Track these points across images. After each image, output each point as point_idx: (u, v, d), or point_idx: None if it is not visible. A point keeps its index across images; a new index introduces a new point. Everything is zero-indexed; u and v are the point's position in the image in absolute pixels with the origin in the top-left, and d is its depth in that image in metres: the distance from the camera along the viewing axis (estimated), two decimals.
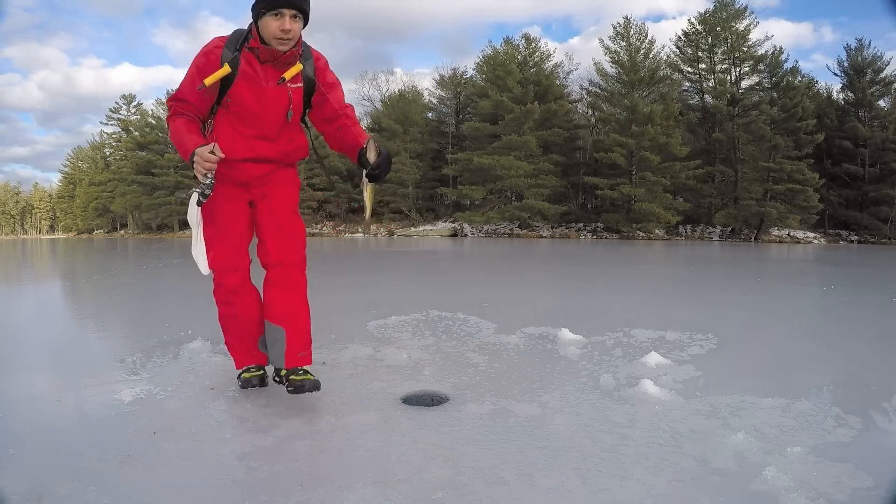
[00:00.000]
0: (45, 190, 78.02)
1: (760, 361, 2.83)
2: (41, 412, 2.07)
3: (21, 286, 7.67)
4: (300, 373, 2.06)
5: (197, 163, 1.85)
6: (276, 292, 2.14)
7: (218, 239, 2.11)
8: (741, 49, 32.76)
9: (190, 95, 1.97)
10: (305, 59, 2.05)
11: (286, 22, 1.88)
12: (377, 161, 1.96)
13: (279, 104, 2.02)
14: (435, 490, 1.43)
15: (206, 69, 1.93)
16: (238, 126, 2.03)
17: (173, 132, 1.99)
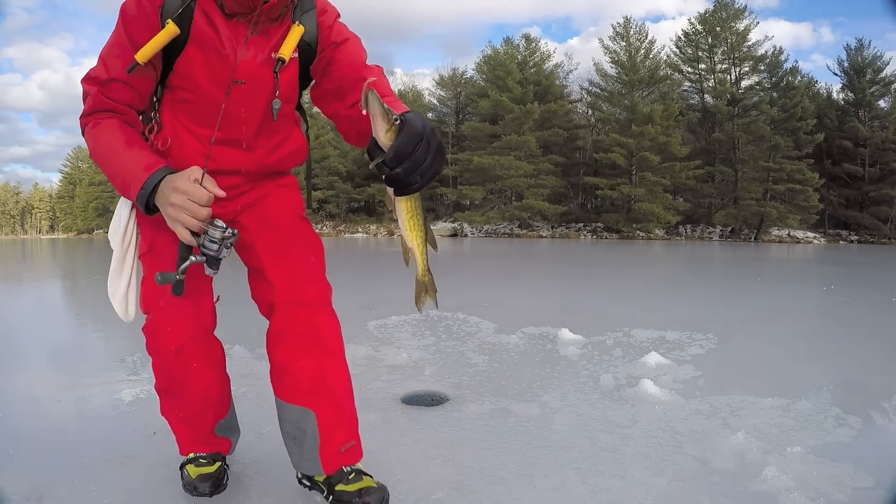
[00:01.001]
0: (45, 190, 78.12)
1: (760, 361, 2.83)
2: (41, 412, 2.07)
3: (21, 286, 7.67)
4: (352, 476, 1.29)
5: (176, 208, 1.08)
6: (293, 352, 1.29)
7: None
8: (741, 49, 32.79)
9: (118, 71, 1.16)
10: (304, 10, 1.26)
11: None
12: (396, 145, 0.95)
13: (257, 90, 1.24)
14: (435, 490, 1.43)
15: (139, 27, 1.15)
16: (189, 123, 1.26)
17: (100, 145, 1.19)
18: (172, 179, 1.11)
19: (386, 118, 0.94)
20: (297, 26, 1.23)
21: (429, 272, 1.11)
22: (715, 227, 32.49)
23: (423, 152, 0.95)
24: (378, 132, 0.95)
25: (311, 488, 1.39)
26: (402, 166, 0.94)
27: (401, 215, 1.04)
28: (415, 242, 1.06)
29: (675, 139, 31.16)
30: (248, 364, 2.61)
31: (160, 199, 1.11)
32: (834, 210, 32.19)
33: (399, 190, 0.98)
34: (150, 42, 1.14)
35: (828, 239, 30.89)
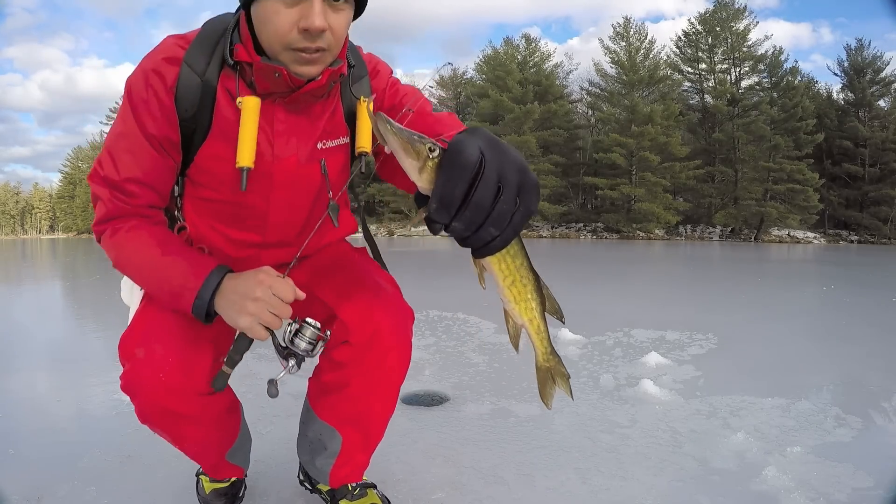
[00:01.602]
0: (45, 190, 78.14)
1: (760, 361, 2.83)
2: (41, 412, 2.07)
3: (21, 286, 7.67)
4: (357, 492, 1.26)
5: (259, 303, 0.89)
6: (349, 380, 1.12)
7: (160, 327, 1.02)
8: (741, 49, 32.80)
9: (132, 169, 0.98)
10: (357, 78, 1.07)
11: (314, 13, 0.85)
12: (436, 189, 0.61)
13: (302, 190, 1.06)
14: (435, 490, 1.43)
15: (151, 115, 0.96)
16: (217, 224, 1.08)
17: (128, 257, 1.00)
18: (249, 274, 0.92)
19: (412, 151, 0.62)
20: (364, 101, 1.02)
21: (553, 355, 0.80)
22: (715, 227, 32.49)
23: (488, 191, 0.60)
24: (410, 175, 0.64)
25: (313, 491, 1.35)
26: (459, 219, 0.60)
27: (496, 281, 0.71)
28: (525, 318, 0.73)
29: (675, 139, 31.16)
30: (249, 364, 2.61)
31: (225, 301, 0.92)
32: (834, 210, 32.19)
33: (475, 250, 0.65)
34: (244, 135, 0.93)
35: (828, 239, 30.89)
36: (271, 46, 0.90)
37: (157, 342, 0.99)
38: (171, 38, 0.99)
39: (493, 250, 0.64)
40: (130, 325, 1.06)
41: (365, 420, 1.16)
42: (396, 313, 1.12)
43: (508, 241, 0.64)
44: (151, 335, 1.00)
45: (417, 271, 8.55)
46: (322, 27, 0.86)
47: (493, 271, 0.70)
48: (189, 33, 0.99)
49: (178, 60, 0.96)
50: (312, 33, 0.86)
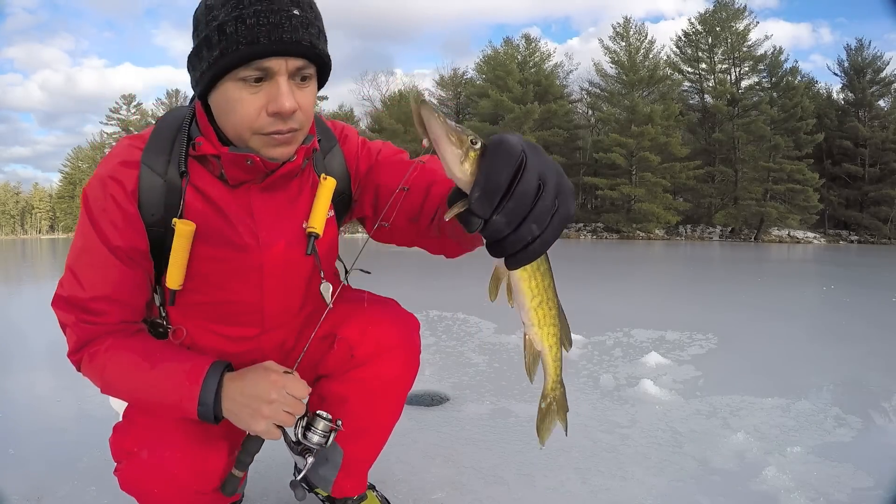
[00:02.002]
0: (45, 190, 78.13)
1: (760, 361, 2.83)
2: (41, 412, 2.07)
3: (21, 286, 7.67)
4: (356, 497, 1.24)
5: (275, 406, 0.86)
6: (348, 395, 1.08)
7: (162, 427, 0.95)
8: (741, 49, 32.84)
9: (98, 286, 0.90)
10: (326, 150, 1.03)
11: (282, 95, 0.81)
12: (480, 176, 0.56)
13: (294, 273, 1.01)
14: (435, 490, 1.43)
15: (113, 224, 0.89)
16: (209, 324, 1.01)
17: (112, 380, 0.93)
18: (257, 375, 0.88)
19: (455, 138, 0.58)
20: (326, 180, 0.97)
21: (561, 384, 0.78)
22: (715, 227, 32.51)
23: (530, 185, 0.56)
24: (450, 164, 0.58)
25: (310, 492, 1.29)
26: (500, 210, 0.56)
27: (522, 301, 0.65)
28: (546, 345, 0.69)
29: (675, 139, 31.19)
30: None
31: (234, 404, 0.86)
32: (834, 210, 32.21)
33: (511, 256, 0.58)
34: (175, 259, 0.89)
35: (828, 239, 30.90)
36: (239, 134, 0.84)
37: (164, 442, 0.92)
38: (126, 139, 0.94)
39: (530, 255, 0.58)
40: (128, 419, 0.98)
41: (367, 434, 1.13)
42: (400, 322, 1.10)
43: (548, 244, 0.59)
44: (156, 433, 0.93)
45: (417, 271, 8.55)
46: (293, 108, 0.81)
47: (520, 290, 0.64)
48: (144, 132, 0.94)
49: (135, 163, 0.89)
50: (284, 116, 0.82)
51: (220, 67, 0.80)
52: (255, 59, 0.79)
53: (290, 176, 0.94)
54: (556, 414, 0.82)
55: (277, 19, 0.78)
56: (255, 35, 0.77)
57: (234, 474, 0.94)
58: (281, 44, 0.78)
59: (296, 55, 0.81)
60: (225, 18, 0.79)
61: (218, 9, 0.80)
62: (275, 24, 0.78)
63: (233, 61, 0.79)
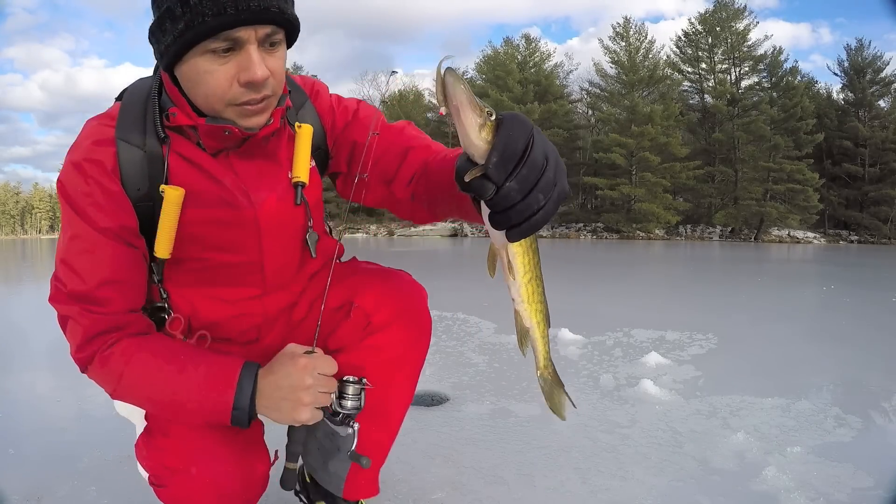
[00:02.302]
0: (45, 190, 78.11)
1: (760, 361, 2.83)
2: (41, 412, 2.07)
3: (21, 286, 7.67)
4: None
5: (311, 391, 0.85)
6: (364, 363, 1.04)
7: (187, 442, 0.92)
8: (741, 49, 32.84)
9: (98, 272, 0.85)
10: (298, 105, 1.01)
11: (254, 64, 0.78)
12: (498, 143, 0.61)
13: (289, 227, 0.99)
14: (435, 490, 1.43)
15: (100, 204, 0.85)
16: (209, 290, 0.97)
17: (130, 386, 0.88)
18: (285, 364, 0.85)
19: (477, 109, 0.62)
20: (301, 128, 0.96)
21: (551, 361, 0.82)
22: (715, 227, 32.52)
23: (539, 156, 0.61)
24: (468, 130, 0.62)
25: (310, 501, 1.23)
26: (514, 176, 0.60)
27: (517, 274, 0.69)
28: (534, 321, 0.74)
29: (675, 139, 31.21)
30: None
31: (270, 401, 0.85)
32: (834, 210, 32.22)
33: (514, 226, 0.62)
34: (163, 226, 0.86)
35: (828, 239, 30.90)
36: (211, 106, 0.82)
37: (211, 455, 0.89)
38: (92, 120, 0.90)
39: (533, 226, 0.62)
40: (157, 432, 0.93)
41: (381, 415, 1.08)
42: (414, 293, 1.10)
43: (549, 215, 0.63)
44: (201, 446, 0.90)
45: (417, 271, 8.52)
46: (265, 76, 0.79)
47: (516, 264, 0.69)
48: (109, 110, 0.90)
49: (110, 140, 0.86)
50: (256, 85, 0.79)
51: (186, 41, 0.76)
52: (223, 31, 0.75)
53: (268, 138, 0.92)
54: (555, 386, 0.86)
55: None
56: (221, 5, 0.74)
57: (289, 468, 0.93)
58: (249, 12, 0.75)
59: (265, 22, 0.77)
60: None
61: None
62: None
63: (200, 34, 0.75)
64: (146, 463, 0.92)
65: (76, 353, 0.88)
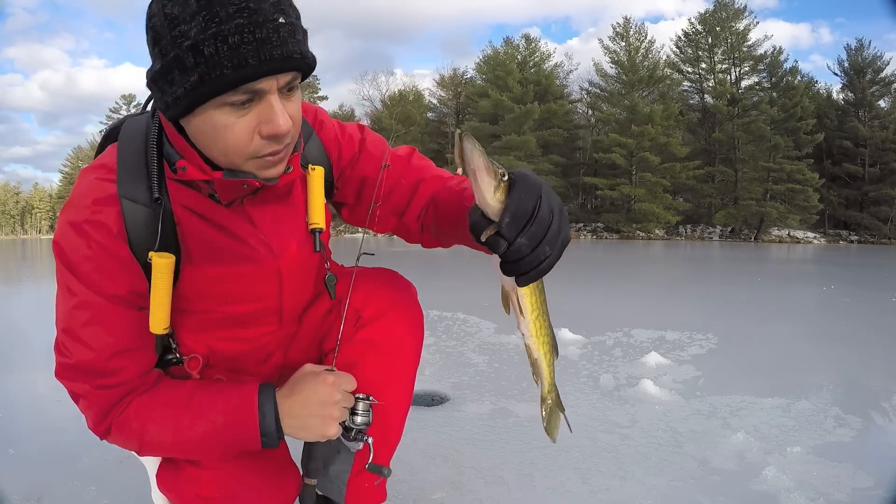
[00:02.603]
0: (46, 190, 78.11)
1: (760, 361, 2.83)
2: (41, 412, 2.07)
3: (21, 286, 7.67)
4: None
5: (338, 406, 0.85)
6: (358, 359, 1.00)
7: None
8: (741, 49, 32.83)
9: (106, 342, 0.80)
10: (307, 140, 0.95)
11: (276, 115, 0.72)
12: (511, 204, 0.67)
13: (305, 271, 0.99)
14: (435, 490, 1.43)
15: (104, 270, 0.79)
16: (224, 333, 0.94)
17: (152, 441, 0.84)
18: (309, 382, 0.84)
19: (492, 172, 0.67)
20: (314, 171, 0.92)
21: (555, 387, 0.85)
22: (715, 227, 32.52)
23: (546, 213, 0.67)
24: (483, 192, 0.67)
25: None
26: (525, 233, 0.65)
27: (525, 313, 0.76)
28: (542, 352, 0.80)
29: (675, 139, 31.21)
30: None
31: (296, 420, 0.83)
32: (834, 210, 32.22)
33: (524, 273, 0.68)
34: (156, 299, 0.79)
35: (828, 239, 30.90)
36: (230, 160, 0.76)
37: (247, 483, 0.90)
38: (88, 173, 0.81)
39: (540, 273, 0.68)
40: (189, 469, 0.90)
41: (381, 413, 1.02)
42: (401, 287, 1.08)
43: (554, 262, 0.69)
44: (235, 474, 0.89)
45: (417, 271, 8.55)
46: (289, 128, 0.74)
47: (524, 304, 0.75)
48: (104, 161, 0.82)
49: (112, 198, 0.78)
50: (280, 137, 0.74)
51: (201, 94, 0.69)
52: (244, 83, 0.69)
53: (286, 189, 0.90)
54: (558, 412, 0.86)
55: (264, 34, 0.68)
56: (241, 56, 0.67)
57: (309, 483, 0.94)
58: (272, 62, 0.69)
59: (288, 70, 0.72)
60: (199, 36, 0.66)
61: (186, 22, 0.67)
62: (262, 40, 0.68)
63: (218, 87, 0.68)
64: (176, 494, 0.90)
65: (95, 428, 0.86)
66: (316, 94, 40.72)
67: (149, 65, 0.73)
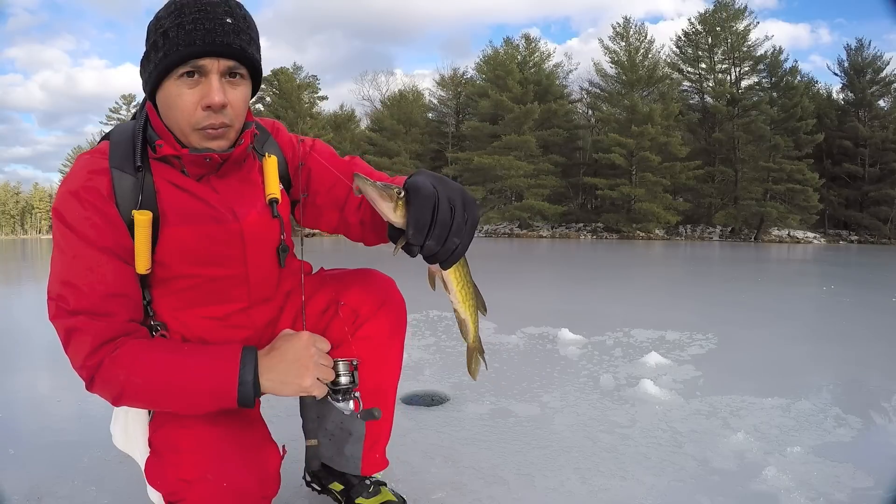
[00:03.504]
0: (45, 190, 78.08)
1: (760, 361, 2.83)
2: (41, 412, 2.07)
3: (21, 286, 7.67)
4: (371, 489, 1.27)
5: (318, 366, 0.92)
6: (361, 354, 1.13)
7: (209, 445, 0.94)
8: (741, 49, 32.83)
9: (101, 285, 0.91)
10: (262, 140, 1.11)
11: (213, 90, 0.91)
12: (410, 219, 0.82)
13: (267, 243, 1.08)
14: (435, 490, 1.43)
15: (97, 226, 0.92)
16: (198, 308, 1.04)
17: (137, 384, 0.89)
18: (287, 341, 0.93)
19: (386, 195, 0.82)
20: (269, 157, 1.08)
21: (478, 338, 1.07)
22: (715, 227, 32.51)
23: (446, 212, 0.81)
24: (386, 215, 0.82)
25: (322, 492, 1.31)
26: (431, 237, 0.81)
27: (452, 289, 0.93)
28: (468, 314, 0.99)
29: (674, 139, 31.21)
30: None
31: (275, 374, 0.90)
32: (834, 210, 32.23)
33: (444, 262, 0.85)
34: (138, 247, 0.93)
35: (828, 239, 30.90)
36: (181, 129, 0.94)
37: (224, 460, 0.91)
38: (84, 155, 0.99)
39: (457, 257, 0.85)
40: (166, 450, 0.94)
41: (382, 395, 1.21)
42: (386, 283, 1.25)
43: (467, 246, 0.85)
44: (212, 453, 0.91)
45: (417, 272, 8.54)
46: (222, 102, 0.91)
47: (450, 280, 0.91)
48: (100, 147, 0.99)
49: (104, 170, 0.95)
50: (214, 109, 0.92)
51: (163, 67, 0.91)
52: (191, 59, 0.90)
53: (241, 159, 1.03)
54: (478, 354, 1.12)
55: (211, 25, 0.90)
56: (192, 38, 0.89)
57: (309, 444, 1.01)
58: (213, 45, 0.90)
59: (226, 56, 0.92)
60: (168, 25, 0.91)
61: (165, 18, 0.92)
62: (209, 30, 0.90)
63: (173, 60, 0.90)
64: (161, 482, 0.93)
65: (85, 362, 0.90)
66: (316, 94, 40.75)
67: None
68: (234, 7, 0.94)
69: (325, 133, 34.66)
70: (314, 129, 34.78)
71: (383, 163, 32.56)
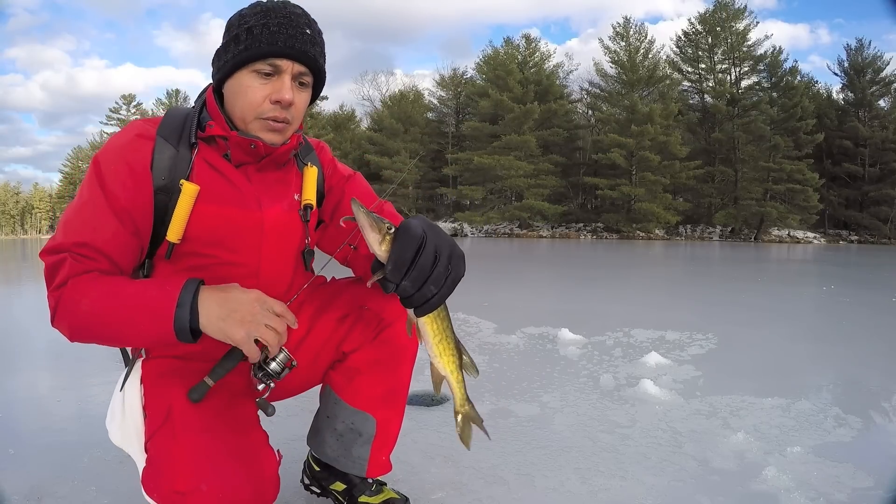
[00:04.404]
0: (46, 190, 78.08)
1: (760, 361, 2.83)
2: (41, 412, 2.07)
3: (21, 286, 7.67)
4: (374, 488, 1.29)
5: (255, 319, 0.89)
6: (380, 357, 1.18)
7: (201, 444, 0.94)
8: (741, 49, 32.82)
9: (99, 239, 0.94)
10: (305, 153, 1.18)
11: (285, 88, 0.99)
12: (392, 254, 0.82)
13: (287, 241, 1.11)
14: (435, 490, 1.43)
15: (123, 185, 0.96)
16: None
17: (88, 307, 0.90)
18: (235, 288, 0.92)
19: (375, 227, 0.82)
20: (311, 167, 1.14)
21: (468, 401, 0.94)
22: (715, 227, 32.52)
23: (428, 258, 0.80)
24: (372, 245, 0.82)
25: (321, 495, 1.32)
26: (408, 277, 0.80)
27: (426, 339, 0.88)
28: (448, 370, 0.90)
29: (674, 139, 31.21)
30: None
31: (212, 313, 0.88)
32: (834, 210, 32.23)
33: (417, 308, 0.83)
34: (178, 214, 0.97)
35: (828, 239, 30.90)
36: (244, 116, 1.01)
37: (220, 469, 0.90)
38: (138, 121, 1.05)
39: (431, 307, 0.83)
40: (162, 459, 0.93)
41: (394, 399, 1.21)
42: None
43: (444, 298, 0.84)
44: (208, 462, 0.90)
45: None
46: (291, 100, 0.99)
47: (426, 331, 0.88)
48: (155, 118, 1.05)
49: (151, 136, 1.00)
50: (283, 105, 0.99)
51: (242, 58, 0.98)
52: (271, 56, 0.98)
53: (283, 160, 1.09)
54: (472, 424, 0.97)
55: (294, 32, 0.99)
56: (275, 38, 0.97)
57: (206, 382, 0.94)
58: (293, 50, 0.98)
59: (302, 62, 1.00)
60: (254, 23, 0.98)
61: (250, 17, 1.00)
62: (290, 35, 0.98)
63: (253, 55, 0.97)
64: (157, 493, 0.92)
65: (53, 292, 0.92)
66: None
67: (148, 65, 1.02)
68: (312, 22, 1.04)
69: (326, 133, 34.67)
70: (314, 129, 34.79)
71: (383, 162, 32.56)
